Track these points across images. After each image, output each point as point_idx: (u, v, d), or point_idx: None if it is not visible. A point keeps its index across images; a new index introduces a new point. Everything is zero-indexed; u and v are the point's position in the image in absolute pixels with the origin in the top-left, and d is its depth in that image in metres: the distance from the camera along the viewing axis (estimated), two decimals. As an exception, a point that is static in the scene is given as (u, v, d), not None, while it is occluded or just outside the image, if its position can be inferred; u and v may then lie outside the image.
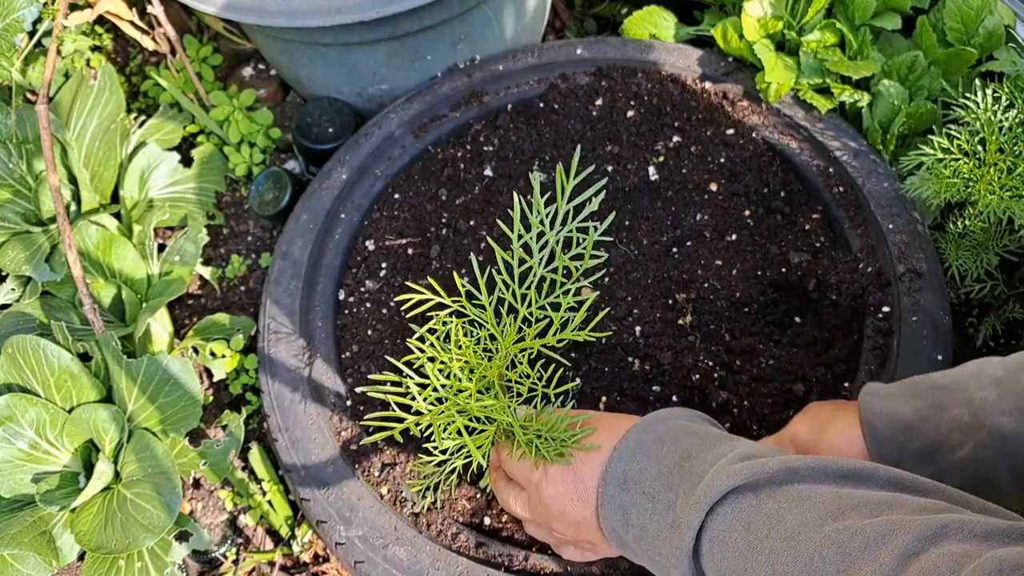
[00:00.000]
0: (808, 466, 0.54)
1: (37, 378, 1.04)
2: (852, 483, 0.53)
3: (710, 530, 0.55)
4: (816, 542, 0.49)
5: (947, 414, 0.67)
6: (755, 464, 0.55)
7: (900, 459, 0.69)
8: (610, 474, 0.65)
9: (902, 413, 0.69)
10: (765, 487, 0.54)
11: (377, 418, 0.73)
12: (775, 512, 0.52)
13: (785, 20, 1.19)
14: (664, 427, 0.66)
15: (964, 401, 0.66)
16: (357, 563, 0.90)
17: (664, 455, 0.63)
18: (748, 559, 0.52)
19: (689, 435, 0.64)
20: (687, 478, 0.59)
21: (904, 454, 0.69)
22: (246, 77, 1.55)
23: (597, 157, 1.18)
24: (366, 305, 1.11)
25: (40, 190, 1.22)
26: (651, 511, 0.61)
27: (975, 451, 0.65)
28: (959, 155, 1.03)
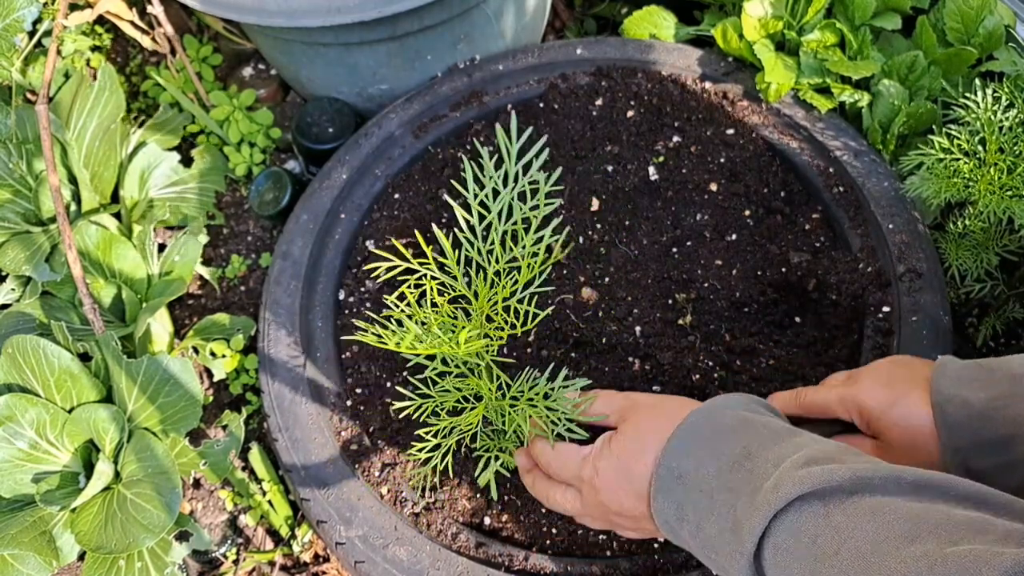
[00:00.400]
0: (880, 476, 0.52)
1: (37, 378, 1.04)
2: (928, 497, 0.51)
3: (774, 538, 0.53)
4: (891, 568, 0.46)
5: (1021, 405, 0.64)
6: (823, 471, 0.53)
7: (971, 447, 0.66)
8: (664, 468, 0.63)
9: (976, 401, 0.66)
10: (834, 496, 0.52)
11: (369, 337, 0.74)
12: (845, 526, 0.50)
13: (785, 20, 1.19)
14: (722, 418, 0.64)
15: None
16: (357, 563, 0.90)
17: (723, 450, 0.61)
18: (817, 574, 0.50)
19: (749, 428, 0.62)
20: (748, 479, 0.57)
21: (976, 442, 0.66)
22: (246, 77, 1.55)
23: (597, 157, 1.18)
24: (366, 305, 1.11)
25: (40, 190, 1.22)
26: (709, 511, 0.59)
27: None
28: (959, 155, 1.03)
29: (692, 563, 0.86)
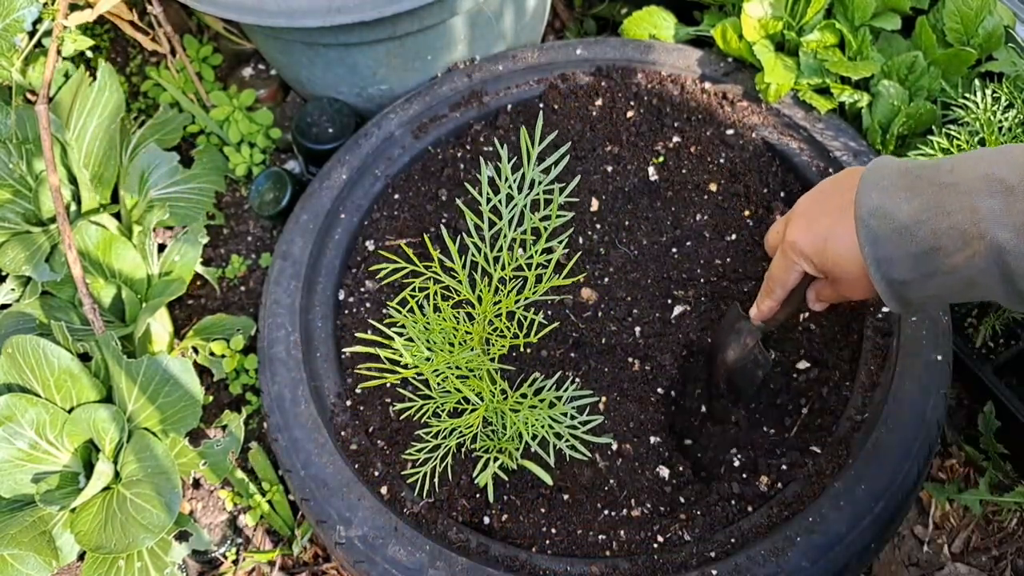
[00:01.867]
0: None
1: (37, 378, 1.04)
2: None
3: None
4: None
5: (947, 219, 0.64)
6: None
7: (893, 259, 0.67)
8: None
9: (899, 213, 0.66)
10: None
11: (370, 368, 0.74)
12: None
13: (785, 20, 1.19)
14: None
15: (967, 207, 0.62)
16: (357, 563, 0.90)
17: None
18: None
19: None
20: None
21: (898, 255, 0.67)
22: (246, 77, 1.55)
23: (597, 157, 1.18)
24: (366, 305, 1.11)
25: (40, 190, 1.22)
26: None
27: (971, 259, 0.63)
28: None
29: (692, 563, 0.86)
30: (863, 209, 0.68)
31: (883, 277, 0.68)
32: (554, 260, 0.74)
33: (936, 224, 0.64)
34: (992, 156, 0.64)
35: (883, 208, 0.67)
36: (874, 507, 0.87)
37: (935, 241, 0.64)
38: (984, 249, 0.61)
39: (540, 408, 0.77)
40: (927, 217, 0.65)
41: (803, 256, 0.77)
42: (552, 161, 0.72)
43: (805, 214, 0.77)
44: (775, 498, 0.90)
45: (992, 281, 0.63)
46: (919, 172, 0.67)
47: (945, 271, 0.65)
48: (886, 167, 0.70)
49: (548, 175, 0.72)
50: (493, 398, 0.81)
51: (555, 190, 0.72)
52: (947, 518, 1.15)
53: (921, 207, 0.65)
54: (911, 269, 0.67)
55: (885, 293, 0.69)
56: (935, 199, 0.65)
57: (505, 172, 0.72)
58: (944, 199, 0.64)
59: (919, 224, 0.65)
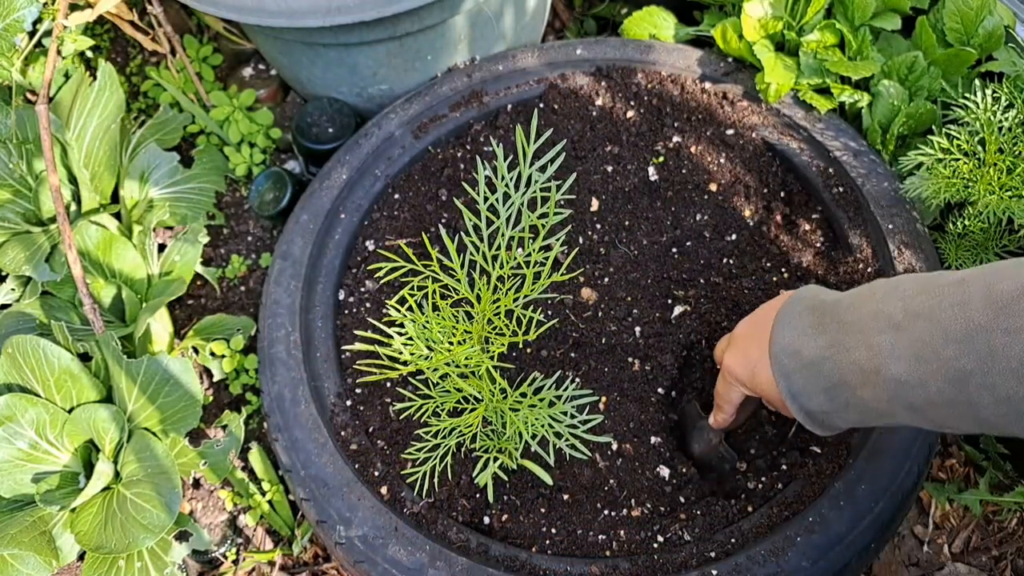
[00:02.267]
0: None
1: (37, 378, 1.04)
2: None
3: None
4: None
5: (848, 355, 0.68)
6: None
7: (804, 393, 0.72)
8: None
9: (806, 352, 0.71)
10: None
11: (370, 365, 0.74)
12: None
13: (785, 20, 1.19)
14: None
15: (864, 344, 0.66)
16: (357, 563, 0.90)
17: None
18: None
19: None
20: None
21: (809, 390, 0.71)
22: (246, 77, 1.55)
23: (597, 157, 1.18)
24: (366, 305, 1.11)
25: (40, 190, 1.22)
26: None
27: (875, 392, 0.66)
28: (959, 155, 1.03)
29: (692, 563, 0.86)
30: (776, 346, 0.74)
31: (800, 408, 0.73)
32: (551, 258, 0.74)
33: (839, 360, 0.68)
34: (883, 292, 0.68)
35: (793, 346, 0.72)
36: (874, 507, 0.87)
37: (840, 376, 0.69)
38: (883, 383, 0.65)
39: (540, 407, 0.77)
40: (830, 354, 0.69)
41: (738, 381, 0.83)
42: (548, 159, 0.72)
43: (740, 342, 0.83)
44: (775, 498, 0.90)
45: (904, 415, 0.66)
46: (824, 309, 0.72)
47: (855, 403, 0.69)
48: (800, 302, 0.75)
49: (545, 173, 0.72)
50: (493, 397, 0.81)
51: (552, 188, 0.72)
52: (947, 518, 1.15)
53: (826, 344, 0.70)
54: (825, 401, 0.71)
55: (806, 421, 0.74)
56: (837, 336, 0.69)
57: (502, 171, 0.73)
58: (844, 336, 0.68)
59: (824, 360, 0.69)
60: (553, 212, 0.72)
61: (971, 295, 0.60)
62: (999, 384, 0.57)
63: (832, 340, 0.69)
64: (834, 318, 0.70)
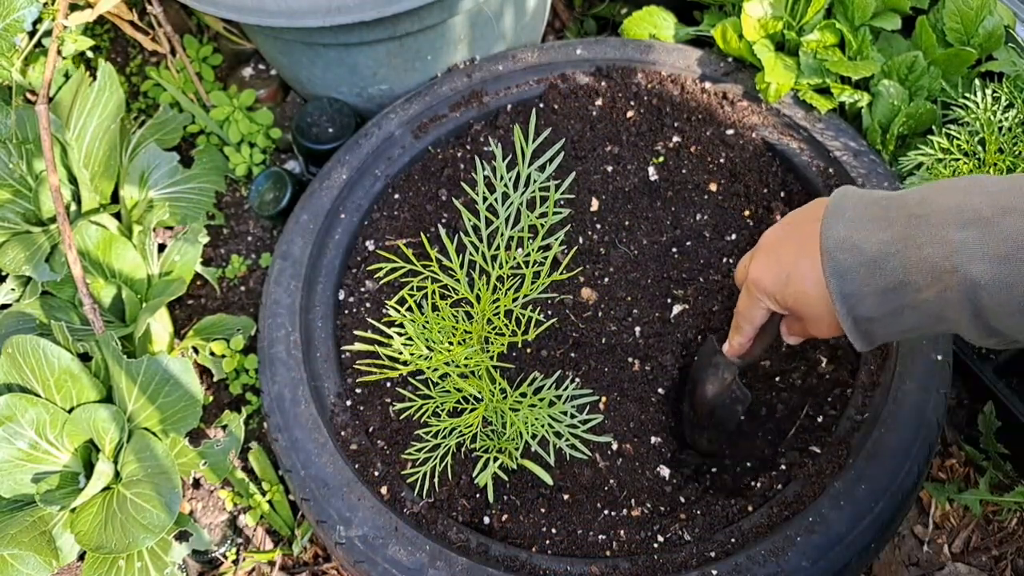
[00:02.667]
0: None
1: (37, 378, 1.04)
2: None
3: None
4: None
5: (918, 252, 0.61)
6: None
7: (860, 294, 0.64)
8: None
9: (868, 247, 0.63)
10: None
11: (370, 365, 0.74)
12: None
13: (785, 20, 1.19)
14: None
15: (940, 239, 0.60)
16: (357, 563, 0.90)
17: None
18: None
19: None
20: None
21: (866, 291, 0.64)
22: (246, 77, 1.55)
23: (597, 157, 1.18)
24: (366, 305, 1.11)
25: (40, 190, 1.22)
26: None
27: (942, 294, 0.60)
28: (959, 155, 1.03)
29: (692, 563, 0.86)
30: (830, 241, 0.65)
31: (849, 313, 0.65)
32: (551, 257, 0.74)
33: (906, 257, 0.61)
34: (964, 186, 0.62)
35: (851, 240, 0.64)
36: (874, 507, 0.87)
37: (905, 275, 0.62)
38: (956, 284, 0.59)
39: (540, 407, 0.77)
40: (897, 250, 0.62)
41: (766, 293, 0.74)
42: (548, 159, 0.72)
43: (769, 248, 0.75)
44: (775, 498, 0.90)
45: (963, 316, 0.60)
46: (887, 203, 0.65)
47: (914, 306, 0.63)
48: (852, 197, 0.67)
49: (544, 173, 0.72)
50: (493, 397, 0.81)
51: (551, 188, 0.72)
52: (947, 518, 1.15)
53: (891, 239, 0.62)
54: (879, 305, 0.64)
55: (851, 330, 0.66)
56: (905, 231, 0.62)
57: (501, 171, 0.73)
58: (915, 231, 0.61)
59: (888, 257, 0.62)
60: (553, 212, 0.72)
61: None
62: None
63: (900, 234, 0.61)
64: (903, 210, 0.63)
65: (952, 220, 0.59)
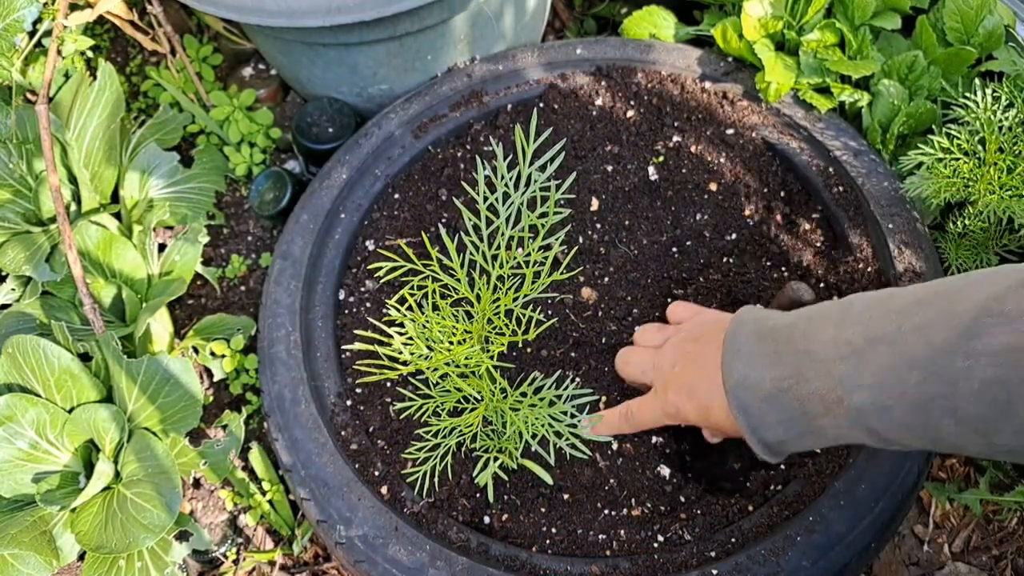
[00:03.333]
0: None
1: (37, 378, 1.04)
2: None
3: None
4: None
5: (808, 386, 0.67)
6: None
7: (765, 425, 0.71)
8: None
9: (764, 384, 0.70)
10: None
11: (370, 366, 0.74)
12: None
13: (785, 20, 1.19)
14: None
15: (825, 373, 0.65)
16: (357, 563, 0.90)
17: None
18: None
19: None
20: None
21: (768, 422, 0.71)
22: (246, 77, 1.55)
23: (597, 157, 1.18)
24: (366, 305, 1.11)
25: (40, 190, 1.22)
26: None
27: (836, 421, 0.66)
28: (959, 154, 1.03)
29: (692, 563, 0.86)
30: (730, 382, 0.72)
31: (759, 441, 0.73)
32: (551, 257, 0.74)
33: (799, 391, 0.67)
34: (838, 316, 0.67)
35: (749, 378, 0.71)
36: (874, 506, 0.87)
37: (800, 407, 0.68)
38: (845, 412, 0.65)
39: (540, 407, 0.77)
40: (789, 385, 0.68)
41: (686, 420, 0.82)
42: (548, 159, 0.72)
43: (681, 378, 0.81)
44: (775, 498, 0.90)
45: (860, 436, 0.66)
46: (777, 336, 0.71)
47: (814, 431, 0.69)
48: (746, 328, 0.74)
49: (545, 173, 0.72)
50: (493, 397, 0.81)
51: (552, 187, 0.72)
52: (947, 517, 1.15)
53: (783, 375, 0.69)
54: (784, 432, 0.71)
55: (763, 453, 0.74)
56: (795, 367, 0.68)
57: (502, 170, 0.73)
58: (803, 367, 0.67)
59: (783, 392, 0.69)
60: (553, 212, 0.72)
61: (931, 318, 0.60)
62: (961, 407, 0.57)
63: (791, 370, 0.68)
64: (789, 346, 0.69)
65: (832, 354, 0.65)
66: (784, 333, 0.71)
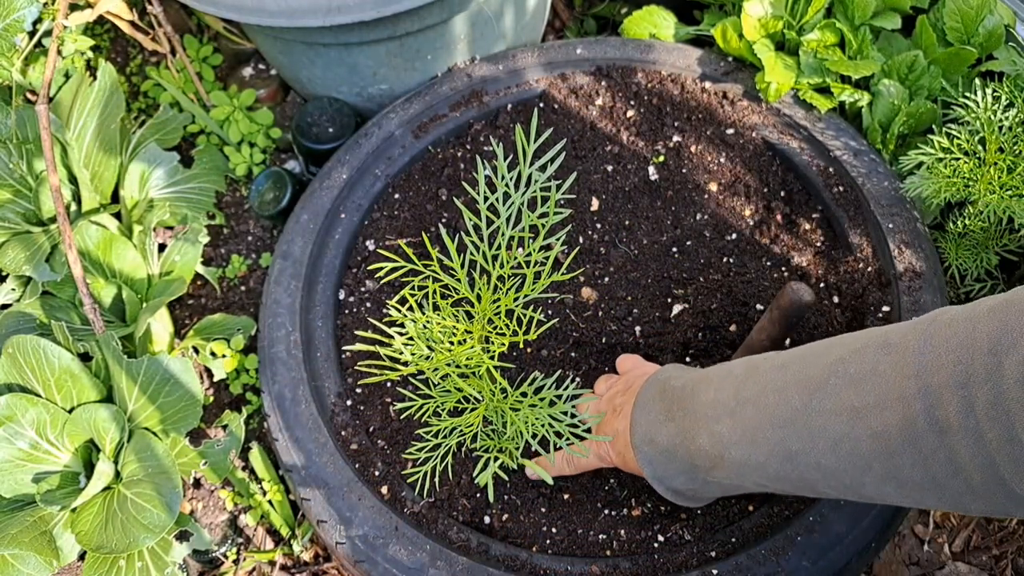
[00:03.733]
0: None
1: (37, 378, 1.04)
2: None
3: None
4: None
5: (694, 443, 0.72)
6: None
7: (666, 475, 0.76)
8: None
9: (660, 439, 0.75)
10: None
11: (371, 366, 0.74)
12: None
13: (785, 20, 1.19)
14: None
15: (707, 431, 0.70)
16: (357, 563, 0.90)
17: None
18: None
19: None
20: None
21: (669, 472, 0.76)
22: (246, 77, 1.55)
23: (597, 157, 1.18)
24: (366, 305, 1.11)
25: (40, 190, 1.22)
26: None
27: (725, 472, 0.71)
28: (959, 154, 1.03)
29: (692, 562, 0.86)
30: (635, 437, 0.78)
31: (667, 489, 0.78)
32: (552, 257, 0.74)
33: (688, 448, 0.73)
34: (718, 379, 0.72)
35: (649, 434, 0.77)
36: (874, 506, 0.87)
37: (692, 461, 0.73)
38: (728, 466, 0.70)
39: (540, 407, 0.77)
40: (680, 441, 0.73)
41: (613, 464, 0.86)
42: (548, 159, 0.72)
43: (610, 429, 0.85)
44: (775, 497, 0.90)
45: (751, 484, 0.71)
46: (673, 395, 0.76)
47: (712, 480, 0.73)
48: (654, 387, 0.79)
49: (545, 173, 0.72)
50: (493, 397, 0.81)
51: (552, 187, 0.72)
52: (947, 517, 1.15)
53: (675, 432, 0.74)
54: (686, 481, 0.76)
55: (676, 499, 0.80)
56: (683, 424, 0.73)
57: (502, 170, 0.73)
58: (689, 425, 0.72)
59: (676, 447, 0.74)
60: (553, 212, 0.72)
61: (788, 381, 0.64)
62: (823, 461, 0.61)
63: (679, 428, 0.73)
64: (680, 405, 0.74)
65: (711, 414, 0.70)
66: (678, 393, 0.76)
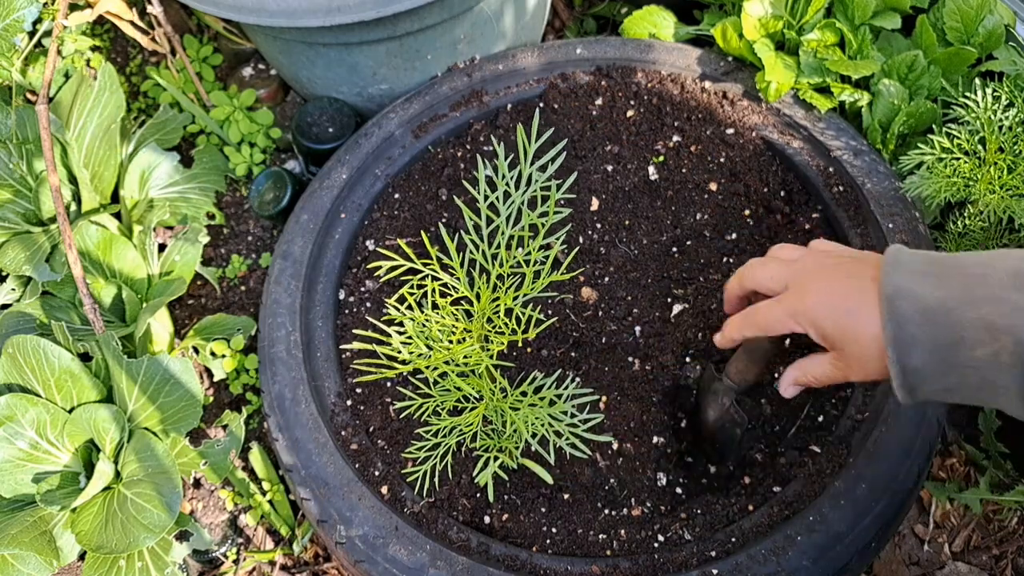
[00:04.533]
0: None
1: (37, 378, 1.04)
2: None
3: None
4: None
5: (975, 311, 0.61)
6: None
7: (914, 343, 0.64)
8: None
9: (927, 299, 0.64)
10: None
11: (370, 365, 0.75)
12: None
13: (785, 19, 1.19)
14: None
15: (998, 299, 0.60)
16: (357, 562, 0.90)
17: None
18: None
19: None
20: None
21: (920, 339, 0.64)
22: (246, 77, 1.55)
23: (597, 156, 1.18)
24: (366, 305, 1.11)
25: (40, 190, 1.22)
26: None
27: (995, 354, 0.60)
28: (959, 154, 1.03)
29: (692, 562, 0.86)
30: (889, 288, 0.66)
31: (899, 360, 0.65)
32: (551, 257, 0.74)
33: (963, 315, 0.62)
34: (1018, 253, 0.63)
35: (910, 289, 0.65)
36: (874, 506, 0.87)
37: (960, 332, 0.62)
38: (1011, 344, 0.59)
39: (540, 406, 0.77)
40: (954, 306, 0.62)
41: (814, 326, 0.74)
42: (548, 158, 0.72)
43: (826, 287, 0.74)
44: (775, 497, 0.90)
45: (1011, 382, 0.60)
46: (943, 261, 0.66)
47: (964, 365, 0.63)
48: (907, 251, 0.69)
49: (546, 172, 0.72)
50: (493, 396, 0.81)
51: (552, 187, 0.72)
52: (947, 517, 1.15)
53: (949, 295, 0.63)
54: (929, 358, 0.64)
55: (897, 378, 0.66)
56: (964, 289, 0.63)
57: (502, 170, 0.73)
58: (973, 290, 0.62)
59: (946, 312, 0.63)
60: (553, 211, 0.72)
61: None
62: None
63: (958, 292, 0.63)
64: (959, 270, 0.64)
65: (1010, 283, 0.60)
66: (952, 259, 0.66)
